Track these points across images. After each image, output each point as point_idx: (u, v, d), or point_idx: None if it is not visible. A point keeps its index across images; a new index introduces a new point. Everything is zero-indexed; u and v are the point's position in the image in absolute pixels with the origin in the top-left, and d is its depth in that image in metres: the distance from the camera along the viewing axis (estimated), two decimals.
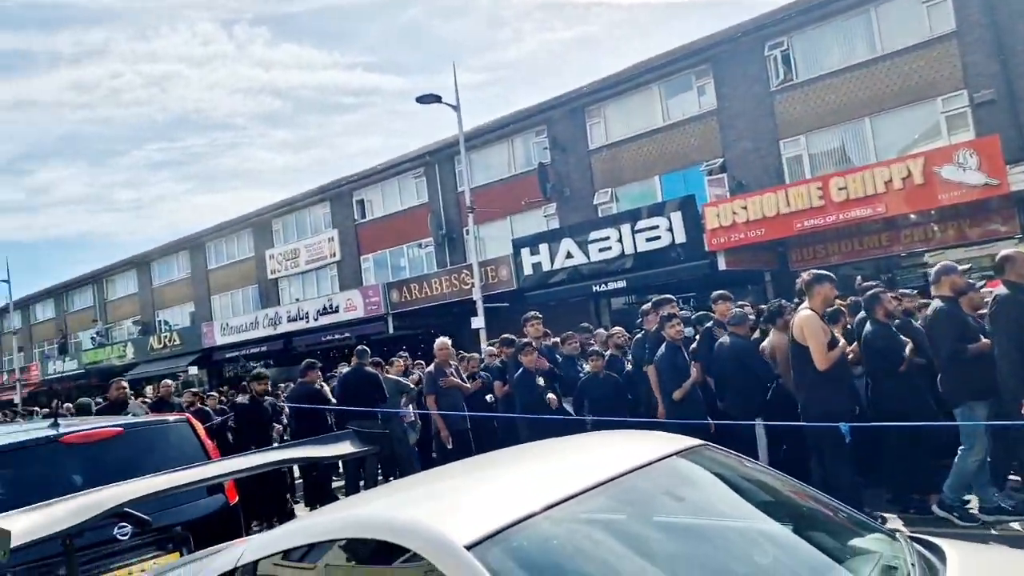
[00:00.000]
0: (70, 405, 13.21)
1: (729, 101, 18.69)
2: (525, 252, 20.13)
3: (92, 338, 39.61)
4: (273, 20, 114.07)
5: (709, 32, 19.19)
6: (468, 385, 8.84)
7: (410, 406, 9.74)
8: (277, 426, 8.68)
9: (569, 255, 19.09)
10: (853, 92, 16.88)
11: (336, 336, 25.18)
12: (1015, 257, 5.40)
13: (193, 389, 13.53)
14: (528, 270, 20.04)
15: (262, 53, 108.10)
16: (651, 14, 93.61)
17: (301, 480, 9.40)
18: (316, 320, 25.96)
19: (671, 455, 2.51)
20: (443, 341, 9.03)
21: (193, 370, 29.69)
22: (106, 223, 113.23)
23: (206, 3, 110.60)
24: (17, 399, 33.84)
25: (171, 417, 4.95)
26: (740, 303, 8.11)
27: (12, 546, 2.57)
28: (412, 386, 9.99)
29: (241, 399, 9.86)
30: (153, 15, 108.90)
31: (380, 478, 9.23)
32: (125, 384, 9.28)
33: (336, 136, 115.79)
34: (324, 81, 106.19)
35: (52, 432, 4.13)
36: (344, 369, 10.61)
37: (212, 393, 12.69)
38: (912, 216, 14.64)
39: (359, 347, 9.59)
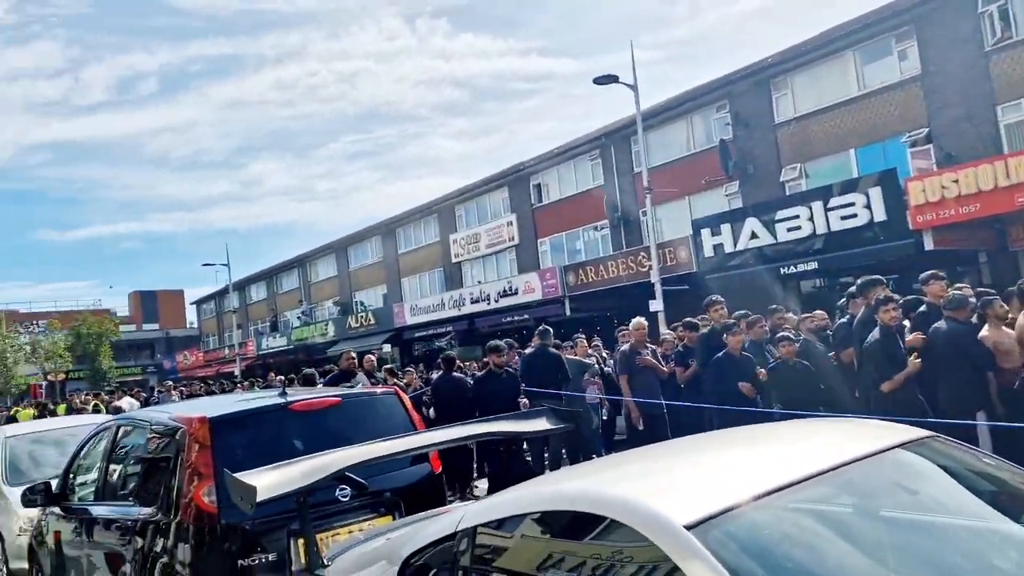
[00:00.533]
0: (281, 377, 14.55)
1: (936, 64, 16.99)
2: (705, 233, 19.52)
3: (298, 317, 43.40)
4: (452, 11, 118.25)
5: None
6: (664, 368, 8.69)
7: (595, 387, 9.79)
8: (524, 400, 8.73)
9: (754, 235, 18.28)
10: None
11: (516, 318, 25.85)
12: None
13: (388, 366, 14.44)
14: (709, 251, 19.42)
15: (442, 44, 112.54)
16: None
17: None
18: (497, 302, 26.78)
19: (896, 446, 2.35)
20: (639, 321, 8.89)
21: (386, 348, 31.69)
22: (308, 211, 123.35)
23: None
24: (237, 371, 37.82)
25: (381, 390, 5.32)
26: (958, 285, 7.40)
27: (257, 500, 2.90)
28: (595, 365, 10.03)
29: (436, 375, 10.36)
30: (345, 15, 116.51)
31: (563, 458, 9.38)
32: (354, 355, 9.94)
33: (513, 122, 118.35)
34: (500, 68, 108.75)
35: (282, 400, 4.58)
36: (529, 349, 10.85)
37: (408, 369, 13.47)
38: None
39: (541, 327, 9.73)
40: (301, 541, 3.91)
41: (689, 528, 1.82)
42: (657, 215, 22.24)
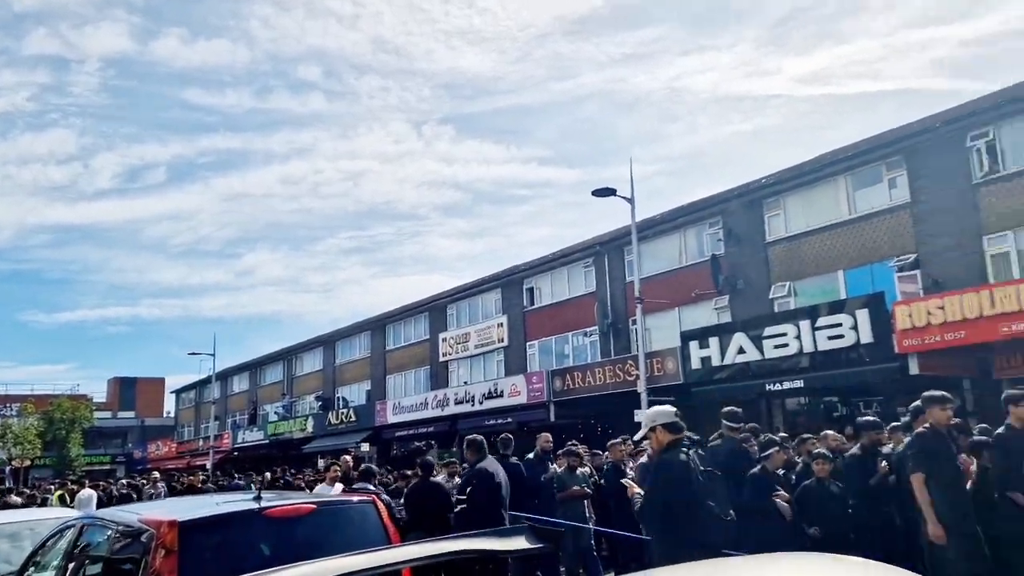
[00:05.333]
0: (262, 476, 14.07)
1: (925, 194, 17.54)
2: (694, 345, 19.60)
3: (277, 411, 42.66)
4: (458, 119, 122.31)
5: (901, 123, 18.30)
6: None
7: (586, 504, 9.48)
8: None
9: (741, 350, 18.36)
10: None
11: (499, 421, 25.45)
12: None
13: (371, 467, 13.99)
14: (696, 364, 19.45)
15: (447, 149, 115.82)
16: (835, 105, 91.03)
17: None
18: (481, 404, 26.46)
19: None
20: None
21: (365, 447, 31.02)
22: (298, 303, 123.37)
23: (401, 105, 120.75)
24: (209, 465, 36.74)
25: (360, 498, 5.14)
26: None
27: None
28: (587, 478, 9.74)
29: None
30: (355, 117, 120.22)
31: None
32: (345, 460, 9.72)
33: (510, 225, 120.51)
34: (501, 174, 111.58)
35: (255, 505, 4.39)
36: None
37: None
38: None
39: (503, 436, 9.68)
40: None
41: None
42: (647, 325, 22.35)
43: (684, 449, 4.97)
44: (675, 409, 5.18)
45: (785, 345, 17.43)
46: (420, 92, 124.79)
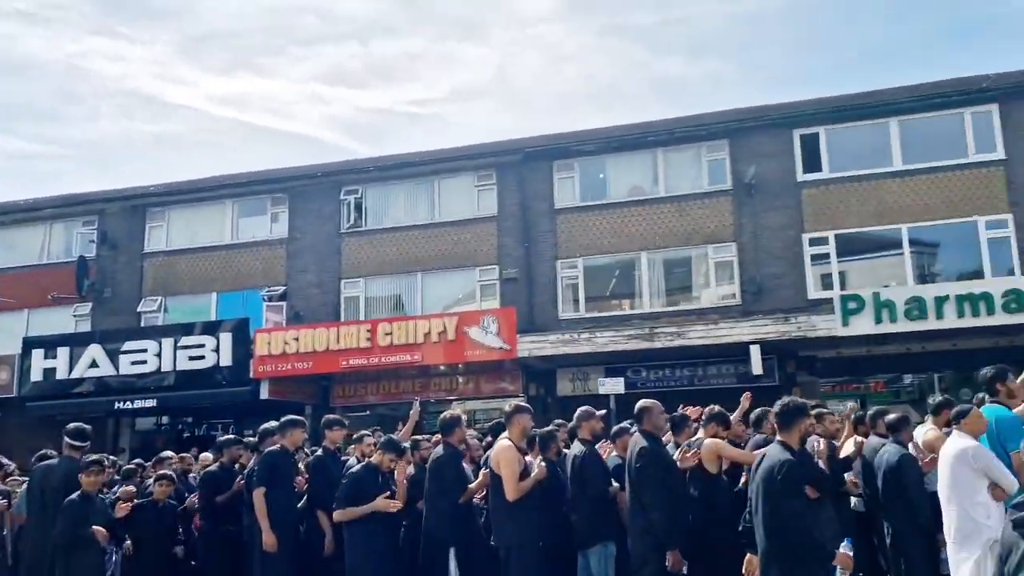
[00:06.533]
0: None
1: (300, 233, 18.94)
2: (37, 353, 17.28)
3: None
4: None
5: (295, 164, 19.59)
6: None
7: None
8: None
9: (95, 364, 16.87)
10: (411, 248, 18.39)
11: None
12: (652, 408, 5.84)
13: None
14: (37, 375, 17.17)
15: None
16: (247, 133, 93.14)
17: None
18: None
19: None
20: None
21: None
22: None
23: None
24: None
25: None
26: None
27: None
28: None
29: None
30: None
31: None
32: None
33: None
34: None
35: None
36: None
37: None
38: (442, 367, 16.13)
39: None
40: None
41: None
42: None
43: None
44: None
45: (144, 362, 16.67)
46: None
